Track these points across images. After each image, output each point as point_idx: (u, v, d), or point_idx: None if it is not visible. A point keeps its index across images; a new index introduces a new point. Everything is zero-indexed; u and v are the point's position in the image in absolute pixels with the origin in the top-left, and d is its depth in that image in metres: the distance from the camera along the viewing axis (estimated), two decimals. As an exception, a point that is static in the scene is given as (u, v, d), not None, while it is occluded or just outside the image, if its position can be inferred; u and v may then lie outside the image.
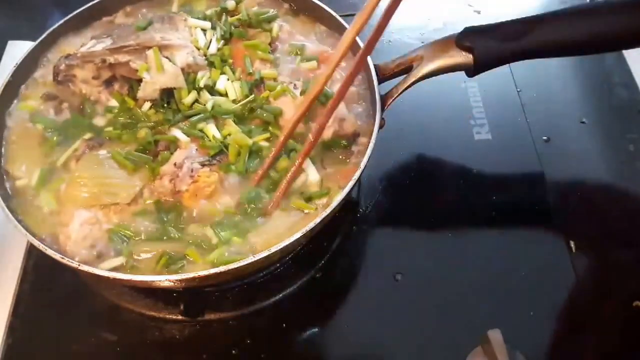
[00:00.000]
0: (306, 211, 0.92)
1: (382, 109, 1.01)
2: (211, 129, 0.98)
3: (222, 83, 1.04)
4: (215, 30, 1.12)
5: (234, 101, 1.03)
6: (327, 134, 1.00)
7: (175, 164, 0.94)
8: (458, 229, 1.10)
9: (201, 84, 1.03)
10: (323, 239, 1.07)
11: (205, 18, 1.14)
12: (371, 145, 0.95)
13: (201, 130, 0.99)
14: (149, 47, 1.01)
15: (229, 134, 0.98)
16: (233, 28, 1.13)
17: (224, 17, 1.15)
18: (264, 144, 0.99)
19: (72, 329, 1.00)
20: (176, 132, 0.99)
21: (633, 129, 1.22)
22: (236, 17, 1.14)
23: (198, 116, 1.00)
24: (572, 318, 0.99)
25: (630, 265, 1.05)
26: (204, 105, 1.02)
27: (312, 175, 0.96)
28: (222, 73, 1.06)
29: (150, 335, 0.99)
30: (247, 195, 0.94)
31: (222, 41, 1.11)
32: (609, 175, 1.17)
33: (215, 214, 0.93)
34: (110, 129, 1.01)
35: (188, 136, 0.97)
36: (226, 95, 1.04)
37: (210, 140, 0.97)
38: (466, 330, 0.96)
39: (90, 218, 0.92)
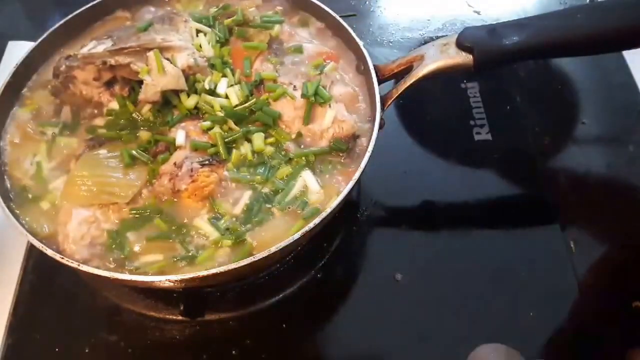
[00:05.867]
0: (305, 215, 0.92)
1: (382, 110, 1.01)
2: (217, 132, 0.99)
3: (222, 87, 1.04)
4: (212, 34, 1.12)
5: (235, 105, 1.03)
6: (327, 135, 1.00)
7: (175, 164, 0.95)
8: (458, 229, 1.10)
9: (206, 87, 1.03)
10: (323, 239, 1.07)
11: (201, 20, 1.14)
12: (371, 146, 0.95)
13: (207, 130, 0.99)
14: (150, 49, 1.01)
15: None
16: (236, 28, 1.13)
17: (218, 20, 1.15)
18: (269, 148, 0.99)
19: (72, 329, 1.00)
20: (175, 134, 0.99)
21: (633, 130, 1.22)
22: (232, 18, 1.14)
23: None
24: (572, 318, 0.99)
25: (630, 265, 1.05)
26: (208, 106, 1.02)
27: (312, 185, 0.96)
28: (223, 75, 1.06)
29: (151, 335, 0.99)
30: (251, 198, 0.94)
31: (219, 44, 1.11)
32: (609, 175, 1.17)
33: (214, 213, 0.94)
34: (104, 130, 1.02)
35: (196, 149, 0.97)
36: (226, 97, 1.04)
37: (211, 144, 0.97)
38: (466, 330, 0.96)
39: (89, 217, 0.92)
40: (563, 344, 0.97)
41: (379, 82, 1.04)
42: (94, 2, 1.18)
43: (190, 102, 1.02)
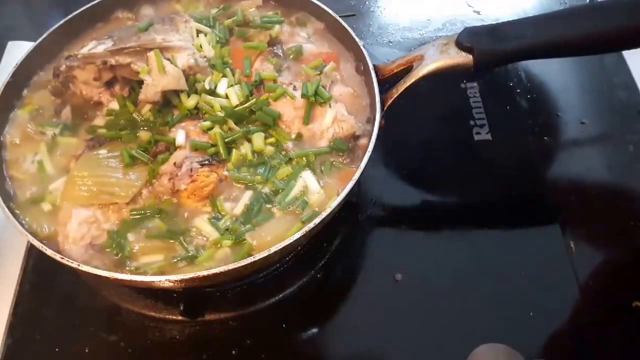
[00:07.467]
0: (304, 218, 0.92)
1: (382, 110, 1.01)
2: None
3: (222, 87, 1.04)
4: (212, 34, 1.12)
5: (235, 105, 1.03)
6: (327, 135, 1.00)
7: (175, 164, 0.95)
8: (458, 229, 1.10)
9: (207, 87, 1.03)
10: (323, 239, 1.07)
11: (201, 20, 1.14)
12: (371, 146, 0.95)
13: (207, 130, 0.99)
14: (151, 49, 1.01)
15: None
16: (236, 29, 1.13)
17: (219, 21, 1.15)
18: (269, 148, 0.99)
19: (72, 329, 1.00)
20: (175, 134, 0.99)
21: (633, 130, 1.22)
22: (232, 19, 1.14)
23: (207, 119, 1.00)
24: (572, 318, 0.99)
25: (630, 265, 1.05)
26: (208, 106, 1.02)
27: (312, 185, 0.96)
28: (224, 75, 1.06)
29: (151, 335, 0.99)
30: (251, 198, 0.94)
31: (219, 45, 1.11)
32: (609, 175, 1.17)
33: (214, 213, 0.94)
34: (104, 131, 1.02)
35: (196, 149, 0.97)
36: (226, 97, 1.04)
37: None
38: (466, 330, 0.96)
39: (89, 217, 0.92)
40: (563, 344, 0.97)
41: (379, 82, 1.04)
42: (94, 3, 1.18)
43: (190, 102, 1.02)
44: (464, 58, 1.01)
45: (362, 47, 1.08)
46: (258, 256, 0.84)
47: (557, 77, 1.32)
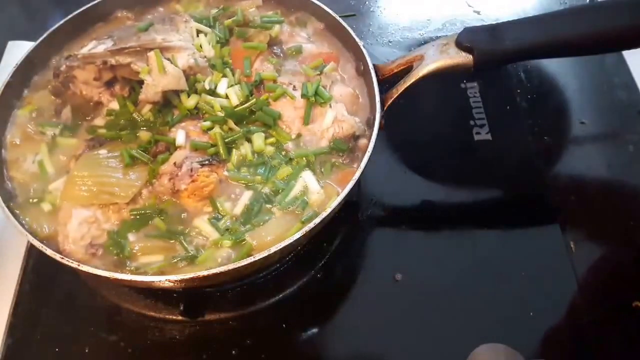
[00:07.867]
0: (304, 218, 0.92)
1: (382, 110, 1.01)
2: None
3: (223, 87, 1.04)
4: (212, 34, 1.12)
5: (235, 105, 1.03)
6: (327, 135, 1.00)
7: (175, 164, 0.95)
8: (458, 229, 1.10)
9: (207, 87, 1.03)
10: (323, 239, 1.07)
11: (202, 20, 1.14)
12: (371, 146, 0.95)
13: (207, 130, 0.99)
14: (151, 49, 1.01)
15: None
16: (236, 29, 1.13)
17: (219, 21, 1.15)
18: (269, 148, 0.99)
19: (72, 329, 1.00)
20: (175, 134, 0.99)
21: (633, 130, 1.22)
22: (232, 19, 1.14)
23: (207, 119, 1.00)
24: (572, 318, 0.99)
25: (630, 265, 1.05)
26: (208, 106, 1.01)
27: (312, 185, 0.96)
28: (224, 75, 1.06)
29: (151, 335, 0.99)
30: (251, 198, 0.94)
31: (219, 45, 1.11)
32: (609, 175, 1.17)
33: (214, 213, 0.94)
34: (104, 131, 1.02)
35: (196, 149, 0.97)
36: (227, 97, 1.04)
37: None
38: (466, 330, 0.96)
39: (89, 217, 0.92)
40: (563, 343, 0.97)
41: (379, 82, 1.04)
42: (94, 2, 1.18)
43: (190, 102, 1.02)
44: (464, 58, 1.01)
45: (362, 47, 1.08)
46: (258, 256, 0.84)
47: (557, 77, 1.32)
